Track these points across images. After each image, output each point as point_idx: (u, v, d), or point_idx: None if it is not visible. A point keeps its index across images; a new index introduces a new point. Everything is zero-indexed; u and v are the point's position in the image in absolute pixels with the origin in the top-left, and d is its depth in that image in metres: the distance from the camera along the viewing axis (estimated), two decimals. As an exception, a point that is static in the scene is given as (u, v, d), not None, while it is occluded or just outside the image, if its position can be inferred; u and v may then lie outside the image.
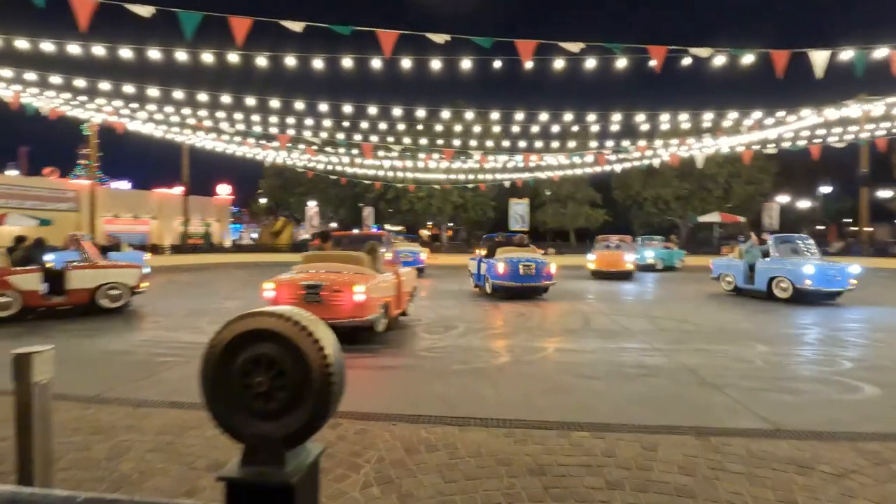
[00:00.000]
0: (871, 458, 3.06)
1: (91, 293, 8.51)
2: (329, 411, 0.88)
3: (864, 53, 7.76)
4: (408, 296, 7.89)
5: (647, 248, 21.57)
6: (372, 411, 3.84)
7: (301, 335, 0.87)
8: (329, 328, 0.92)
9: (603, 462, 3.01)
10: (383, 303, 6.46)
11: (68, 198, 29.91)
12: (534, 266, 10.81)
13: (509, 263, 10.74)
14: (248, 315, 0.89)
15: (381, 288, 6.45)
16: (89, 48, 8.90)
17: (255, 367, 0.87)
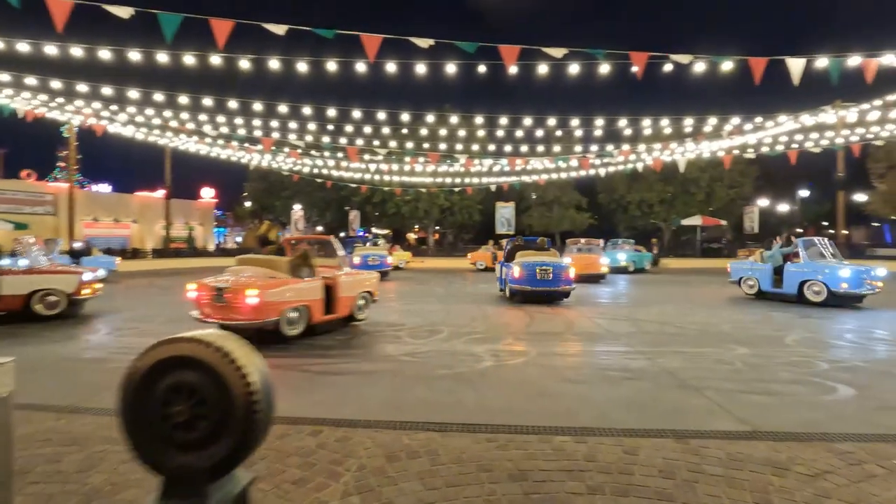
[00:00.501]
0: (845, 458, 3.11)
1: (24, 300, 8.25)
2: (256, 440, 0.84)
3: (839, 61, 7.96)
4: (351, 300, 7.71)
5: (619, 250, 22.02)
6: (354, 418, 3.80)
7: (223, 362, 0.83)
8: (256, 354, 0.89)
9: (584, 467, 3.02)
10: (294, 307, 6.66)
11: (46, 201, 29.29)
12: (551, 270, 10.57)
13: (525, 267, 10.57)
14: (169, 341, 0.86)
15: (290, 292, 6.60)
16: (67, 49, 8.74)
17: (175, 395, 0.83)
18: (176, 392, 0.83)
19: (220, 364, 0.83)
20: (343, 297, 7.47)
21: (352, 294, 7.73)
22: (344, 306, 7.53)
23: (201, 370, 0.83)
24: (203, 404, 0.83)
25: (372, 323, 8.28)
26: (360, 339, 6.99)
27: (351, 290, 7.71)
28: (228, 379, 0.83)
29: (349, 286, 7.68)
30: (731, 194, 33.71)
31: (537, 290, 10.58)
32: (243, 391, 0.83)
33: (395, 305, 10.72)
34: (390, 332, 7.54)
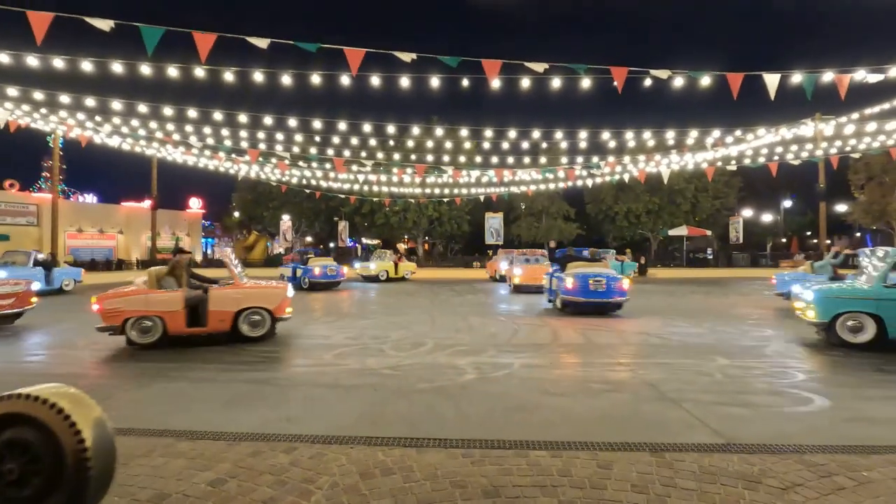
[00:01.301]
0: (816, 471, 3.14)
1: None
2: (89, 497, 0.83)
3: (814, 77, 8.16)
4: (227, 315, 7.38)
5: None
6: (329, 434, 3.77)
7: (56, 419, 0.82)
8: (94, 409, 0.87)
9: (558, 482, 3.01)
10: (145, 316, 7.11)
11: (29, 212, 28.89)
12: (604, 281, 10.49)
13: (579, 278, 10.51)
14: (5, 397, 0.84)
15: (139, 303, 7.13)
16: (51, 60, 8.69)
17: (8, 452, 0.81)
18: (10, 449, 0.82)
19: (53, 421, 0.83)
20: (214, 311, 7.35)
21: (227, 309, 7.41)
22: (216, 320, 7.37)
23: (35, 427, 0.82)
24: (36, 461, 0.82)
25: (353, 337, 8.24)
26: (341, 353, 6.93)
27: (226, 306, 7.42)
28: (60, 436, 0.82)
29: (223, 301, 7.43)
30: (716, 205, 34.21)
31: (591, 302, 10.51)
32: (75, 448, 0.82)
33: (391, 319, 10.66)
34: (366, 345, 7.50)
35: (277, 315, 7.67)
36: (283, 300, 7.74)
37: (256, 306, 7.57)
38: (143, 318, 7.10)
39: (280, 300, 7.70)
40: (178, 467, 3.20)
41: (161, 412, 4.41)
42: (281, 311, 7.70)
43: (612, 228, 36.42)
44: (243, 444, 3.57)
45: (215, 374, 5.82)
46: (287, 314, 7.83)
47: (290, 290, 7.92)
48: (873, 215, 29.79)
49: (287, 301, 7.82)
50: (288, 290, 7.90)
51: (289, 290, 7.89)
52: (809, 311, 7.16)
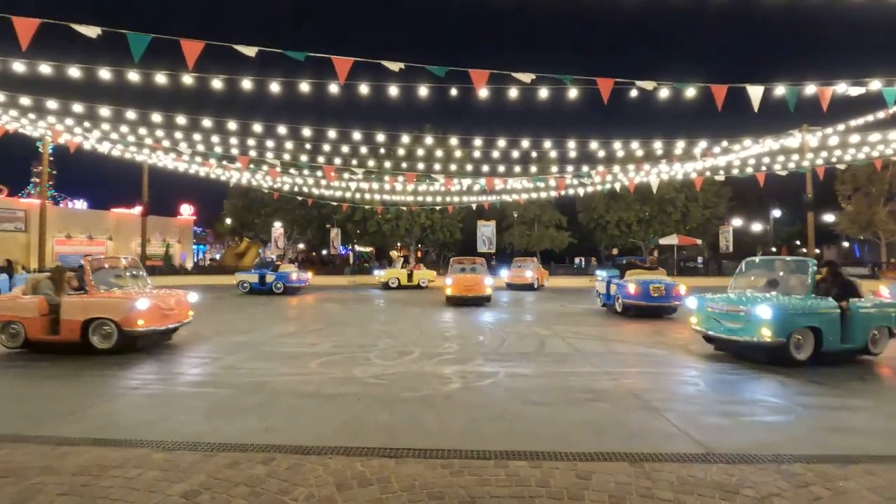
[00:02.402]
0: (793, 481, 3.15)
1: None
2: None
3: (796, 90, 8.28)
4: (76, 325, 7.09)
5: None
6: (308, 444, 3.73)
7: None
8: None
9: (535, 492, 3.00)
10: (10, 321, 7.30)
11: (16, 217, 28.57)
12: (663, 287, 11.64)
13: (641, 285, 11.63)
14: None
15: (4, 306, 7.40)
16: (38, 66, 8.64)
17: None
18: None
19: None
20: (65, 321, 7.12)
21: (76, 318, 7.10)
22: (66, 329, 7.11)
23: None
24: None
25: (340, 345, 8.19)
26: (327, 361, 6.88)
27: (74, 314, 7.12)
28: None
29: (72, 310, 7.13)
30: (706, 214, 34.49)
31: (651, 305, 11.62)
32: None
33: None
34: (354, 353, 7.46)
35: (126, 327, 7.08)
36: (132, 311, 7.11)
37: (103, 317, 7.13)
38: (10, 322, 7.28)
39: (127, 311, 7.10)
40: (152, 479, 3.15)
41: (137, 422, 4.35)
42: (130, 324, 7.09)
43: (603, 237, 36.56)
44: (220, 455, 3.52)
45: (194, 382, 5.75)
46: (139, 327, 7.15)
47: (141, 302, 7.22)
48: (860, 225, 30.15)
49: (137, 313, 7.14)
50: (139, 301, 7.21)
51: (140, 302, 7.20)
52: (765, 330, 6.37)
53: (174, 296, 8.14)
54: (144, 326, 7.23)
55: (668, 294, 11.60)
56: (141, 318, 7.20)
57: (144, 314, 7.24)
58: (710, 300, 7.49)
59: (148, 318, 7.29)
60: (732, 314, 6.90)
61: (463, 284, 14.44)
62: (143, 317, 7.23)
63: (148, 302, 7.34)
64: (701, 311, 7.54)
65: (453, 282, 14.55)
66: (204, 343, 8.32)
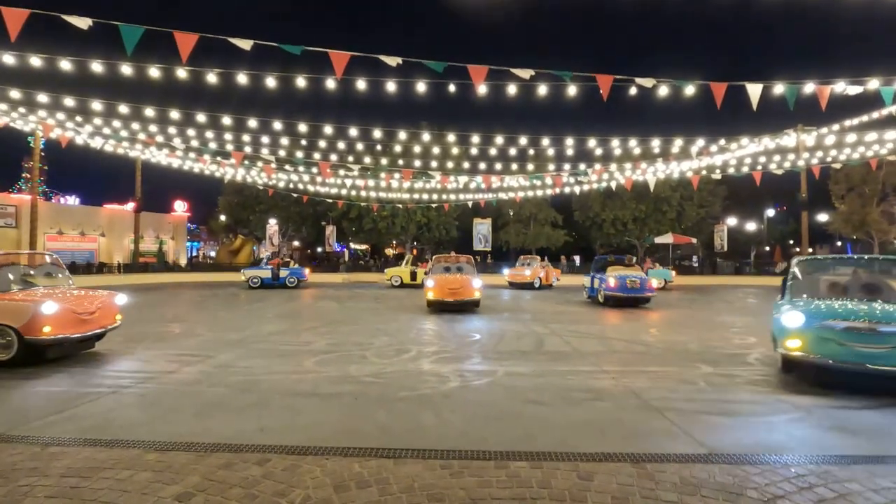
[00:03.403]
0: (796, 482, 3.11)
1: None
2: None
3: (795, 88, 8.27)
4: None
5: None
6: (304, 444, 3.66)
7: None
8: None
9: (537, 494, 2.95)
10: None
11: (7, 213, 28.24)
12: (638, 281, 13.83)
13: (619, 279, 13.81)
14: None
15: None
16: (28, 59, 8.49)
17: None
18: None
19: None
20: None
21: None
22: None
23: None
24: None
25: (337, 343, 8.12)
26: (322, 360, 6.81)
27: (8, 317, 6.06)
28: None
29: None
30: (701, 213, 34.62)
31: (628, 296, 13.79)
32: None
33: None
34: (349, 352, 7.39)
35: (29, 335, 5.97)
36: (36, 317, 6.01)
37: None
38: None
39: (29, 317, 5.99)
40: (145, 480, 3.07)
41: (128, 422, 4.26)
42: (33, 331, 5.99)
43: (599, 235, 36.63)
44: (214, 456, 3.45)
45: (190, 380, 5.66)
46: (46, 335, 6.06)
47: (48, 306, 6.12)
48: (853, 225, 30.34)
49: (43, 318, 6.05)
50: (45, 304, 6.11)
51: (46, 306, 6.11)
52: None
53: (97, 298, 7.02)
54: (53, 334, 6.10)
55: (642, 286, 13.76)
56: (48, 324, 6.06)
57: (52, 319, 6.11)
58: (834, 312, 5.26)
59: (57, 325, 6.16)
60: (877, 335, 4.92)
61: (447, 287, 12.37)
62: (51, 322, 6.10)
63: (56, 305, 6.19)
64: (814, 330, 5.22)
65: (435, 284, 12.39)
66: (196, 340, 8.21)
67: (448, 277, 12.92)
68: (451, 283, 12.55)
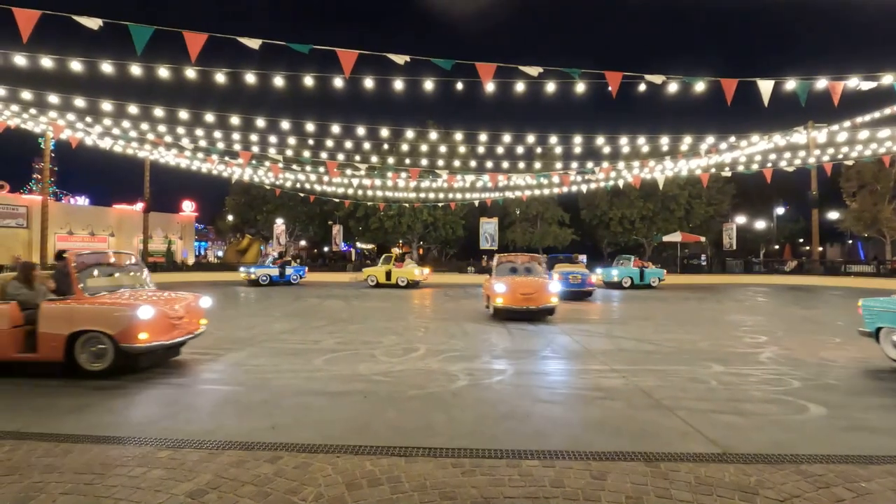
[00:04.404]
0: (813, 482, 3.07)
1: None
2: None
3: (807, 84, 8.17)
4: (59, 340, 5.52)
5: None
6: (315, 442, 3.66)
7: None
8: None
9: (550, 493, 2.92)
10: None
11: (18, 213, 28.55)
12: (580, 277, 15.64)
13: (563, 275, 15.43)
14: None
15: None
16: (40, 60, 8.56)
17: None
18: None
19: None
20: (43, 334, 5.54)
21: (58, 331, 5.52)
22: (47, 346, 5.53)
23: None
24: None
25: (345, 342, 8.13)
26: (331, 358, 6.82)
27: (56, 327, 5.53)
28: None
29: (53, 320, 5.55)
30: (709, 211, 34.35)
31: (570, 290, 15.20)
32: None
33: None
34: (358, 350, 7.39)
35: (124, 342, 5.51)
36: (133, 323, 5.54)
37: (94, 329, 5.54)
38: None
39: (127, 322, 5.54)
40: (157, 478, 3.08)
41: (141, 420, 4.28)
42: (129, 338, 5.52)
43: (606, 234, 36.45)
44: (226, 454, 3.45)
45: (202, 378, 5.69)
46: (142, 342, 5.58)
47: (142, 311, 5.62)
48: (865, 223, 29.97)
49: (139, 324, 5.57)
50: (141, 309, 5.62)
51: (140, 311, 5.60)
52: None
53: (182, 300, 6.45)
54: (148, 341, 5.65)
55: (583, 282, 15.52)
56: (144, 330, 5.60)
57: (148, 325, 5.64)
58: None
59: (153, 331, 5.70)
60: None
61: (519, 292, 10.50)
62: (147, 329, 5.64)
63: (153, 310, 5.73)
64: None
65: (508, 288, 10.54)
66: (206, 339, 8.25)
67: (519, 281, 10.96)
68: (523, 287, 10.62)
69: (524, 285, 10.66)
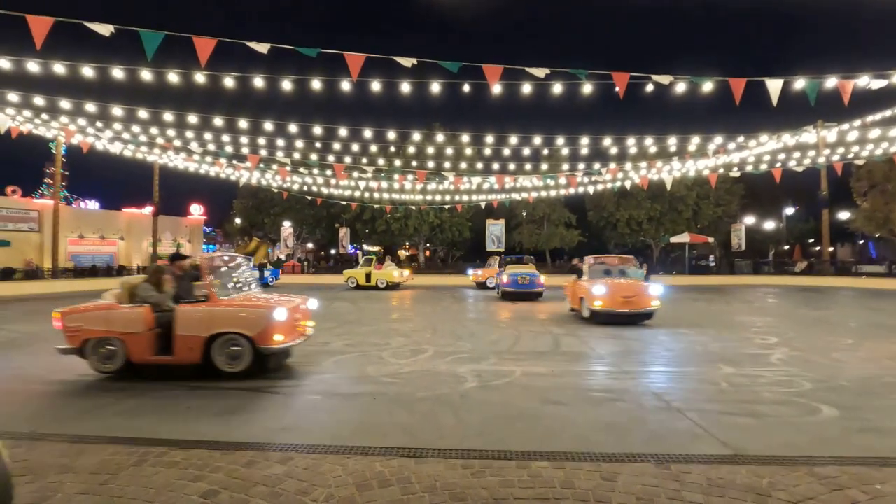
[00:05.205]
0: (827, 484, 3.04)
1: None
2: None
3: (817, 83, 8.10)
4: (198, 342, 5.60)
5: None
6: (325, 444, 3.67)
7: None
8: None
9: (561, 494, 2.92)
10: (105, 337, 5.69)
11: (30, 218, 28.90)
12: (528, 278, 15.50)
13: (511, 276, 15.58)
14: None
15: (98, 320, 5.69)
16: (52, 66, 8.69)
17: None
18: None
19: None
20: (180, 336, 5.61)
21: (196, 334, 5.60)
22: (184, 348, 5.62)
23: None
24: None
25: (353, 343, 8.15)
26: (339, 360, 6.84)
27: (194, 329, 5.61)
28: None
29: (190, 323, 5.62)
30: (717, 212, 34.09)
31: (518, 291, 15.49)
32: None
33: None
34: (373, 351, 7.41)
35: (261, 344, 5.65)
36: (270, 324, 5.67)
37: (232, 331, 5.66)
38: (105, 340, 5.70)
39: (265, 324, 5.65)
40: (170, 478, 3.11)
41: (153, 420, 4.32)
42: (265, 340, 5.67)
43: (613, 235, 36.29)
44: (237, 454, 3.48)
45: (209, 381, 5.73)
46: (277, 343, 5.74)
47: (278, 312, 5.77)
48: (876, 223, 29.58)
49: (275, 325, 5.71)
50: (275, 311, 5.75)
51: (276, 312, 5.75)
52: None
53: (293, 302, 6.40)
54: (282, 343, 5.76)
55: (531, 283, 15.35)
56: (279, 331, 5.73)
57: (282, 327, 5.76)
58: None
59: (286, 332, 5.83)
60: None
61: (619, 295, 10.07)
62: (282, 330, 5.76)
63: (286, 311, 5.82)
64: None
65: (608, 291, 10.11)
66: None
67: (619, 283, 10.52)
68: (624, 290, 10.19)
69: (624, 288, 10.23)
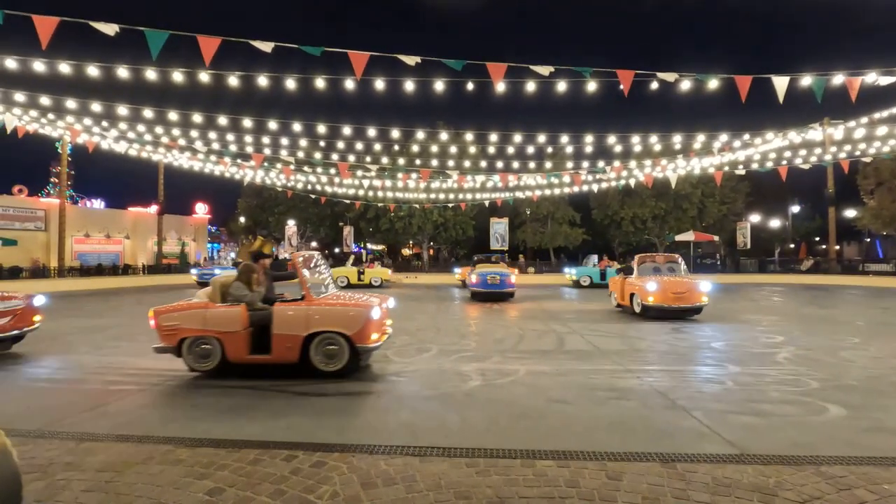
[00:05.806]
0: (834, 483, 3.02)
1: None
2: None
3: (823, 80, 8.04)
4: (296, 341, 5.64)
5: None
6: (330, 442, 3.68)
7: None
8: None
9: (566, 493, 2.91)
10: (201, 336, 5.70)
11: (37, 217, 29.10)
12: (498, 277, 14.95)
13: (480, 276, 15.08)
14: None
15: (194, 319, 5.72)
16: (58, 66, 8.73)
17: None
18: None
19: None
20: (278, 336, 5.63)
21: (294, 333, 5.64)
22: (282, 347, 5.64)
23: None
24: None
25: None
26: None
27: (293, 328, 5.64)
28: None
29: (289, 322, 5.66)
30: (722, 210, 33.94)
31: (488, 291, 15.01)
32: None
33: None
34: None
35: (359, 343, 5.63)
36: (367, 323, 5.68)
37: (331, 330, 5.67)
38: (201, 339, 5.75)
39: (363, 323, 5.65)
40: (176, 475, 3.13)
41: (159, 418, 4.34)
42: (363, 339, 5.65)
43: (617, 234, 36.18)
44: (243, 452, 3.49)
45: (215, 380, 5.75)
46: (373, 342, 5.75)
47: (375, 311, 5.79)
48: (883, 221, 29.37)
49: (372, 324, 5.72)
50: (372, 310, 5.76)
51: (373, 311, 5.76)
52: None
53: (378, 301, 6.46)
54: (377, 341, 5.86)
55: (502, 283, 14.90)
56: (375, 330, 5.79)
57: (377, 325, 5.84)
58: None
59: (379, 331, 5.96)
60: None
61: (671, 291, 10.58)
62: (377, 329, 5.84)
63: (380, 311, 5.95)
64: None
65: (660, 287, 10.66)
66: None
67: (669, 280, 11.11)
68: (675, 286, 10.73)
69: (676, 285, 10.78)
